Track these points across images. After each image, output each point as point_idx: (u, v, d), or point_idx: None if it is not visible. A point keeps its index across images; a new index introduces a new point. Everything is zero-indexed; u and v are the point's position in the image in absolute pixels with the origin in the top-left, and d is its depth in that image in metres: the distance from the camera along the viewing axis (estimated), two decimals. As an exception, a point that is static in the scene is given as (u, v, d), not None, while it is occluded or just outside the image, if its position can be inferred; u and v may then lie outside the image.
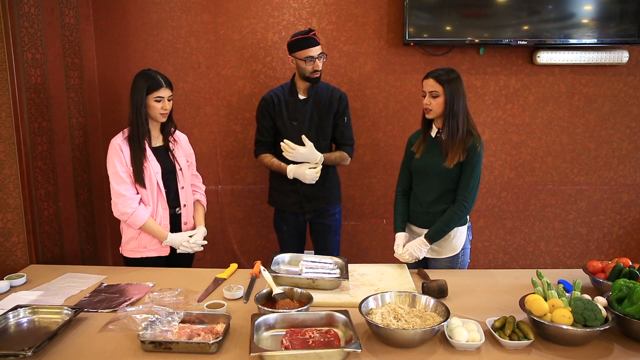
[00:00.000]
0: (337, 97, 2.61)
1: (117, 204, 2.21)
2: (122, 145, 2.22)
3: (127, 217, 2.20)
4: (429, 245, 2.19)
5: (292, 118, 2.57)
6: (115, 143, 2.23)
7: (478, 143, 2.13)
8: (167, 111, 2.26)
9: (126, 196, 2.19)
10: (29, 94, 2.40)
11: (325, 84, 2.65)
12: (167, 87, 2.25)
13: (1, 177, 2.36)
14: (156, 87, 2.21)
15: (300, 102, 2.58)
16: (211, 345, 1.50)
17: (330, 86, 2.66)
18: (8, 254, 2.41)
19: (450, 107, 2.10)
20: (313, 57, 2.45)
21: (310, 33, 2.48)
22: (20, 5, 2.35)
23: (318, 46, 2.48)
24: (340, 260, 2.14)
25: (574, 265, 3.33)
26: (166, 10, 3.04)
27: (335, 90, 2.63)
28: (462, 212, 2.16)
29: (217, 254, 3.34)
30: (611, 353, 1.51)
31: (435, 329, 1.52)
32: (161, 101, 2.23)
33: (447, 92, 2.09)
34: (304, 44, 2.45)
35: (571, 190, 3.26)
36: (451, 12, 2.92)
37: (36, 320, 1.72)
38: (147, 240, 2.28)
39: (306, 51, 2.45)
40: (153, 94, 2.20)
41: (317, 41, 2.48)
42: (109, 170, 2.22)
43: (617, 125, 3.17)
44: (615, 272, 1.85)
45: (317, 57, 2.47)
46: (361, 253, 3.36)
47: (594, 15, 2.92)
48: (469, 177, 2.14)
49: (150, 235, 2.27)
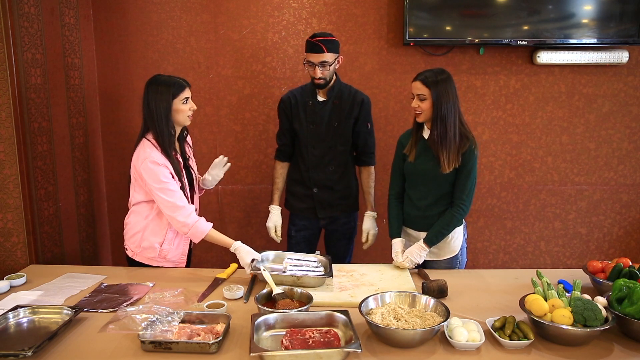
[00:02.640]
0: (358, 102, 2.47)
1: (176, 217, 2.09)
2: (164, 160, 2.11)
3: (188, 229, 2.10)
4: (427, 250, 2.17)
5: (310, 121, 2.48)
6: (155, 158, 2.08)
7: (474, 146, 2.10)
8: (193, 112, 2.21)
9: (185, 207, 2.10)
10: (29, 94, 2.40)
11: (347, 87, 2.51)
12: (189, 87, 2.20)
13: (1, 177, 2.36)
14: (182, 89, 2.14)
15: (319, 105, 2.47)
16: (211, 345, 1.50)
17: (353, 89, 2.52)
18: (8, 254, 2.41)
19: (437, 110, 2.05)
20: (312, 64, 2.33)
21: (315, 38, 2.32)
22: (20, 5, 2.35)
23: (321, 53, 2.30)
24: (324, 258, 2.16)
25: (574, 265, 3.32)
26: (166, 10, 3.05)
27: (358, 94, 2.50)
28: (461, 215, 2.15)
29: (217, 254, 3.34)
30: (611, 353, 1.51)
31: (435, 329, 1.52)
32: (188, 101, 2.17)
33: (433, 94, 2.04)
34: (307, 46, 2.36)
35: (571, 190, 3.26)
36: (451, 12, 2.92)
37: (36, 320, 1.72)
38: (168, 251, 2.22)
39: (307, 55, 2.35)
40: (180, 96, 2.13)
41: (322, 48, 2.30)
42: (155, 186, 2.08)
43: (617, 125, 3.17)
44: (615, 272, 1.85)
45: (317, 64, 2.32)
46: (361, 253, 3.36)
47: (594, 15, 2.92)
48: (466, 179, 2.12)
49: (174, 247, 2.22)
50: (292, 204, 2.65)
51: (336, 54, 2.37)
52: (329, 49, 2.31)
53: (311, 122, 2.47)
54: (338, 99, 2.46)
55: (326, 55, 2.31)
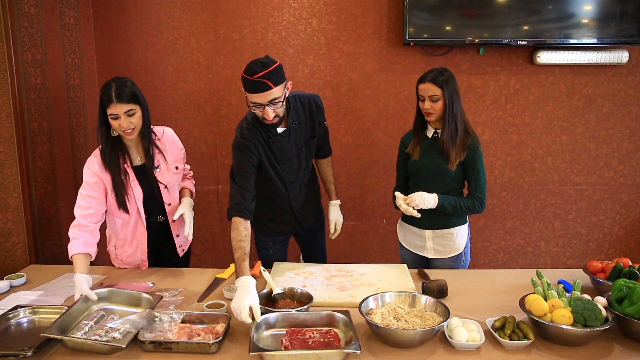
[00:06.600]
0: (315, 109, 2.15)
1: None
2: (96, 169, 2.01)
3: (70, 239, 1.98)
4: (436, 203, 2.11)
5: (283, 160, 2.12)
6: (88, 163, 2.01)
7: (476, 140, 2.14)
8: (126, 130, 1.94)
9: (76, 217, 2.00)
10: (29, 94, 2.40)
11: (297, 98, 2.13)
12: (121, 101, 1.89)
13: (1, 177, 2.36)
14: (107, 103, 1.90)
15: (283, 138, 2.09)
16: (211, 345, 1.50)
17: (304, 97, 2.15)
18: (8, 254, 2.41)
19: (450, 109, 2.08)
20: (260, 104, 1.88)
21: (255, 75, 1.82)
22: (20, 5, 2.35)
23: (268, 91, 1.84)
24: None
25: (574, 265, 3.32)
26: (166, 10, 3.05)
27: (311, 101, 2.15)
28: (480, 206, 2.15)
29: (217, 254, 3.34)
30: (611, 353, 1.51)
31: (435, 329, 1.52)
32: (117, 119, 1.92)
33: (446, 94, 2.06)
34: (247, 86, 1.88)
35: (571, 190, 3.26)
36: (451, 12, 2.92)
37: (36, 320, 1.72)
38: (123, 256, 2.23)
39: (250, 96, 1.89)
40: (107, 110, 1.91)
41: (268, 85, 1.83)
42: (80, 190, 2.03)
43: (617, 125, 3.17)
44: (615, 272, 1.85)
45: (266, 105, 1.87)
46: (361, 253, 3.36)
47: (594, 15, 2.92)
48: (477, 173, 2.14)
49: (128, 252, 2.20)
50: (274, 229, 2.33)
51: (284, 82, 1.92)
52: (276, 82, 1.86)
53: (284, 162, 2.12)
54: (296, 120, 2.11)
55: (274, 91, 1.86)
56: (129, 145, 2.08)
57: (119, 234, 2.18)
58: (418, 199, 2.08)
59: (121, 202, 2.06)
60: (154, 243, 2.23)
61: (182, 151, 2.27)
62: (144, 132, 2.04)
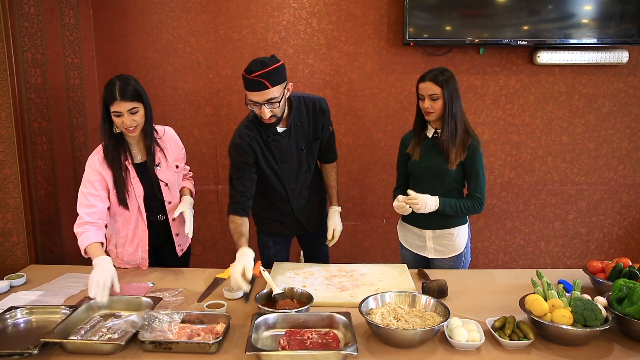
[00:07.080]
0: (319, 112, 2.17)
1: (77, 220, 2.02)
2: (98, 167, 2.02)
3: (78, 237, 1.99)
4: (437, 205, 2.12)
5: (281, 160, 2.13)
6: (90, 161, 2.03)
7: (476, 140, 2.14)
8: (129, 127, 1.98)
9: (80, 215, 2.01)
10: (29, 94, 2.40)
11: (302, 100, 2.16)
12: (125, 99, 1.93)
13: (1, 177, 2.36)
14: (111, 100, 1.94)
15: (283, 138, 2.11)
16: (211, 345, 1.50)
17: (309, 99, 2.17)
18: (8, 254, 2.41)
19: (449, 108, 2.08)
20: (257, 103, 1.93)
21: (253, 74, 1.87)
22: (20, 5, 2.35)
23: (265, 90, 1.88)
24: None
25: (574, 265, 3.32)
26: (166, 10, 3.05)
27: (316, 104, 2.16)
28: (479, 206, 2.16)
29: (217, 254, 3.34)
30: (611, 353, 1.51)
31: (435, 329, 1.52)
32: (120, 116, 1.96)
33: (446, 93, 2.07)
34: (246, 84, 1.93)
35: (571, 190, 3.26)
36: (451, 12, 2.92)
37: (33, 320, 1.71)
38: (124, 255, 2.21)
39: (248, 94, 1.94)
40: (111, 107, 1.95)
41: (265, 84, 1.87)
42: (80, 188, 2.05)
43: (617, 125, 3.17)
44: (615, 272, 1.85)
45: (262, 104, 1.92)
46: (361, 253, 3.36)
47: (594, 15, 2.92)
48: (477, 173, 2.15)
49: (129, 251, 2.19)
50: (275, 230, 2.34)
51: (283, 83, 1.96)
52: (274, 82, 1.89)
53: (282, 162, 2.15)
54: (298, 121, 2.13)
55: (272, 91, 1.89)
56: (131, 143, 2.11)
57: (120, 232, 2.19)
58: (421, 204, 2.09)
59: (121, 199, 2.07)
60: (154, 243, 2.23)
61: (183, 151, 2.29)
62: (146, 130, 2.08)
